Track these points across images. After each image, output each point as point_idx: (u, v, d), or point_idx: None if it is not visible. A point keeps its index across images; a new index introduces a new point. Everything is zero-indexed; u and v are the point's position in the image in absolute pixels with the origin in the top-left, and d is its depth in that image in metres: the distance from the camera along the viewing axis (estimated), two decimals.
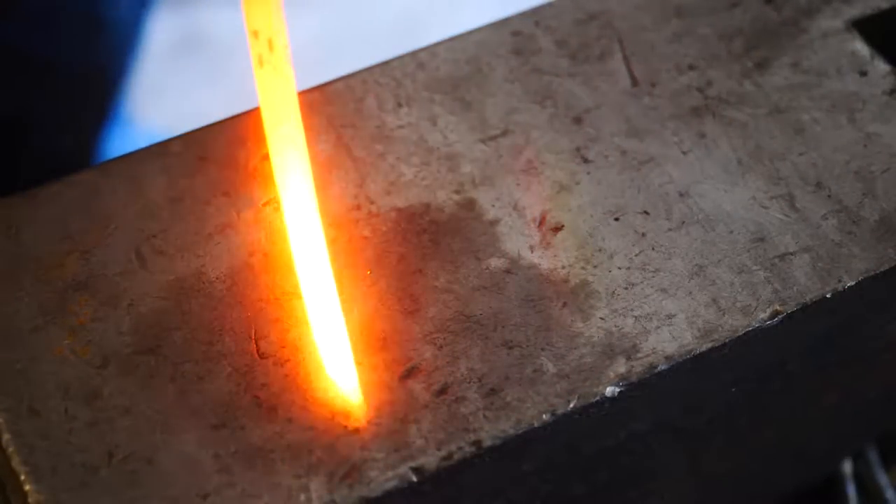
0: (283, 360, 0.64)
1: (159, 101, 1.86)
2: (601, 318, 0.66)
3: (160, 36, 1.90)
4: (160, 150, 0.72)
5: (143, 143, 0.73)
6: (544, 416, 0.63)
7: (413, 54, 0.75)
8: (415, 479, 0.61)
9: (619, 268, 0.67)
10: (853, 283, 0.67)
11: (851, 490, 0.83)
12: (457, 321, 0.65)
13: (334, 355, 0.64)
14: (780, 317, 0.66)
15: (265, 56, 0.58)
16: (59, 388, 0.63)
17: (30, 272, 0.67)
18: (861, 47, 0.75)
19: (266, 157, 0.71)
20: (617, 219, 0.69)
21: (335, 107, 0.73)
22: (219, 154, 0.71)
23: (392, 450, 0.62)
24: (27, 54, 1.30)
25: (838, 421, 0.79)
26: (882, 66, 0.74)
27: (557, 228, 0.68)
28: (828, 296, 0.66)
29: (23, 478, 0.61)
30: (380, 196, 0.70)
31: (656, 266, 0.67)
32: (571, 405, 0.63)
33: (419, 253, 0.68)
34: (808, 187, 0.70)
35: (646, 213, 0.69)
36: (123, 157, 0.72)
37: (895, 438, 0.84)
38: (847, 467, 0.84)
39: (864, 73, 0.74)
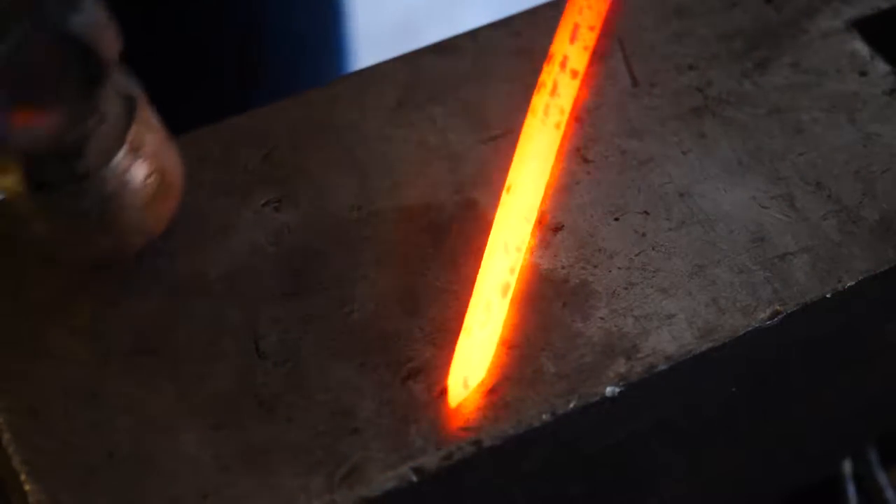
0: (283, 360, 0.64)
1: None
2: (601, 318, 0.66)
3: None
4: None
5: None
6: (544, 416, 0.63)
7: (413, 54, 0.75)
8: (415, 479, 0.61)
9: (619, 268, 0.67)
10: (853, 283, 0.67)
11: (851, 490, 0.83)
12: (457, 321, 0.65)
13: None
14: (780, 317, 0.66)
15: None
16: (59, 388, 0.63)
17: (30, 272, 0.67)
18: (861, 47, 0.75)
19: (265, 157, 0.71)
20: (617, 219, 0.69)
21: (336, 107, 0.73)
22: (219, 154, 0.71)
23: (392, 450, 0.62)
24: None
25: (838, 421, 0.79)
26: (882, 66, 0.74)
27: (557, 228, 0.68)
28: (828, 296, 0.66)
29: (23, 478, 0.61)
30: (380, 196, 0.70)
31: (656, 266, 0.67)
32: (571, 405, 0.63)
33: (419, 253, 0.68)
34: (808, 187, 0.70)
35: (646, 213, 0.69)
36: None
37: (895, 438, 0.84)
38: (847, 467, 0.84)
39: (864, 73, 0.74)
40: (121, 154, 0.59)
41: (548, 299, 0.66)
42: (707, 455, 0.74)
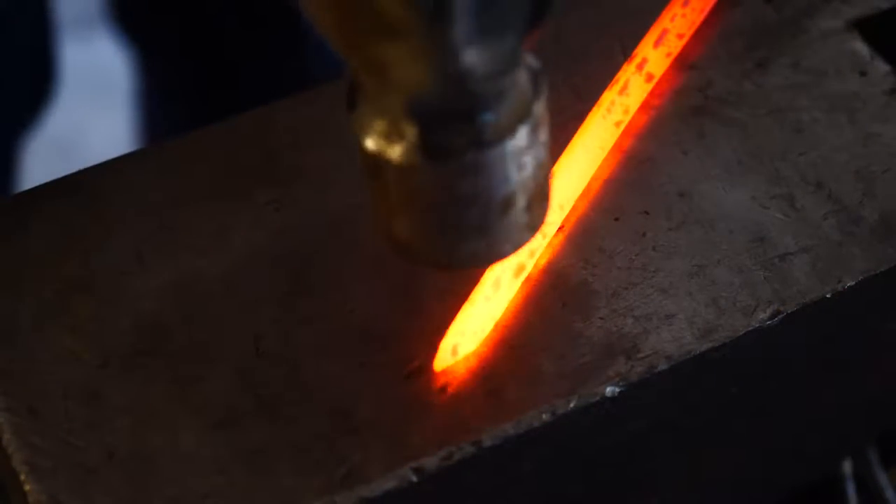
0: (283, 360, 0.64)
1: None
2: (601, 318, 0.66)
3: None
4: (161, 150, 0.72)
5: None
6: (544, 416, 0.63)
7: None
8: (415, 479, 0.61)
9: (619, 268, 0.67)
10: (853, 283, 0.67)
11: (851, 490, 0.83)
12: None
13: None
14: (780, 317, 0.66)
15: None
16: (59, 388, 0.63)
17: (30, 272, 0.67)
18: (861, 47, 0.75)
19: (265, 157, 0.71)
20: (617, 219, 0.69)
21: (336, 107, 0.73)
22: (219, 154, 0.71)
23: (392, 450, 0.62)
24: None
25: (838, 421, 0.79)
26: (882, 66, 0.74)
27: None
28: (828, 296, 0.66)
29: (23, 478, 0.61)
30: None
31: (656, 266, 0.67)
32: (571, 405, 0.63)
33: None
34: (808, 187, 0.70)
35: (646, 213, 0.69)
36: (124, 156, 0.72)
37: (895, 438, 0.84)
38: (847, 467, 0.83)
39: (864, 73, 0.74)
40: (525, 128, 0.50)
41: (548, 299, 0.66)
42: (707, 455, 0.74)
